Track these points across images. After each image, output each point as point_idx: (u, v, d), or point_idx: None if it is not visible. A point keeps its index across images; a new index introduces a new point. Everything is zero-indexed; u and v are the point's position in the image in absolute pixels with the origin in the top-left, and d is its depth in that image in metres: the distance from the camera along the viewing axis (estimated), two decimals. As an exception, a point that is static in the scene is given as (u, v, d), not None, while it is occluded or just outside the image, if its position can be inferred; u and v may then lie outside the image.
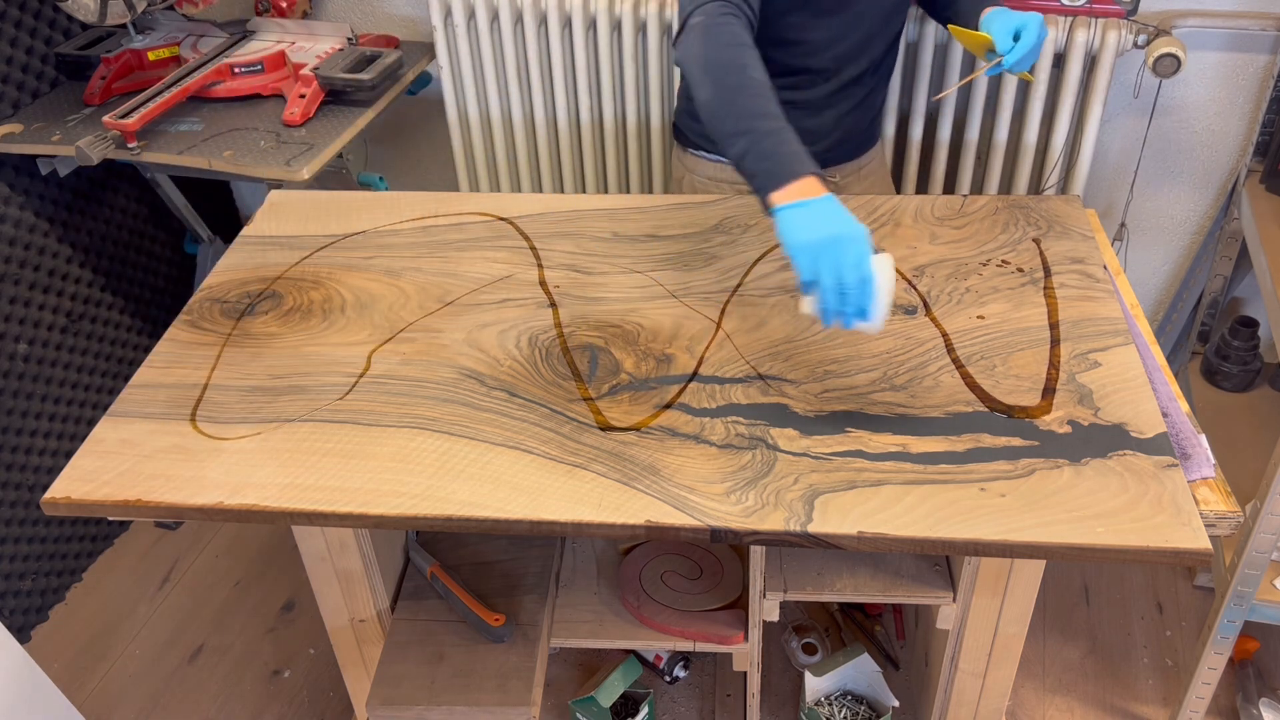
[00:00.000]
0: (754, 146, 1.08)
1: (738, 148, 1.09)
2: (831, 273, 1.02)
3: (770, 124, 1.08)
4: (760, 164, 1.08)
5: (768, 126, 1.08)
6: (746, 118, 1.09)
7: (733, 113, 1.10)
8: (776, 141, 1.08)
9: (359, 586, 1.42)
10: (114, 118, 1.70)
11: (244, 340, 1.32)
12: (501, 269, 1.41)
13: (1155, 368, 1.20)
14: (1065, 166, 1.89)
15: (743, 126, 1.08)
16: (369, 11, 2.12)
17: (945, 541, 1.00)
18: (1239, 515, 1.05)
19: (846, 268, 1.01)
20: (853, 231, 1.02)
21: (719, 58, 1.12)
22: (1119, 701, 1.80)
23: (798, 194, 1.05)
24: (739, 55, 1.12)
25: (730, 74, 1.11)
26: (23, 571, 2.00)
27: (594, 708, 1.64)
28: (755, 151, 1.08)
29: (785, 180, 1.06)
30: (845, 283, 1.02)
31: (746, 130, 1.08)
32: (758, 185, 1.08)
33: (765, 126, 1.08)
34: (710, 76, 1.12)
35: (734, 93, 1.10)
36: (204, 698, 1.90)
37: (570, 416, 1.16)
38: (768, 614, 1.39)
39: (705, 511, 1.04)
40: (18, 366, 1.95)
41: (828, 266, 1.02)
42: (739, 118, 1.09)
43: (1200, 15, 1.74)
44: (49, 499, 1.11)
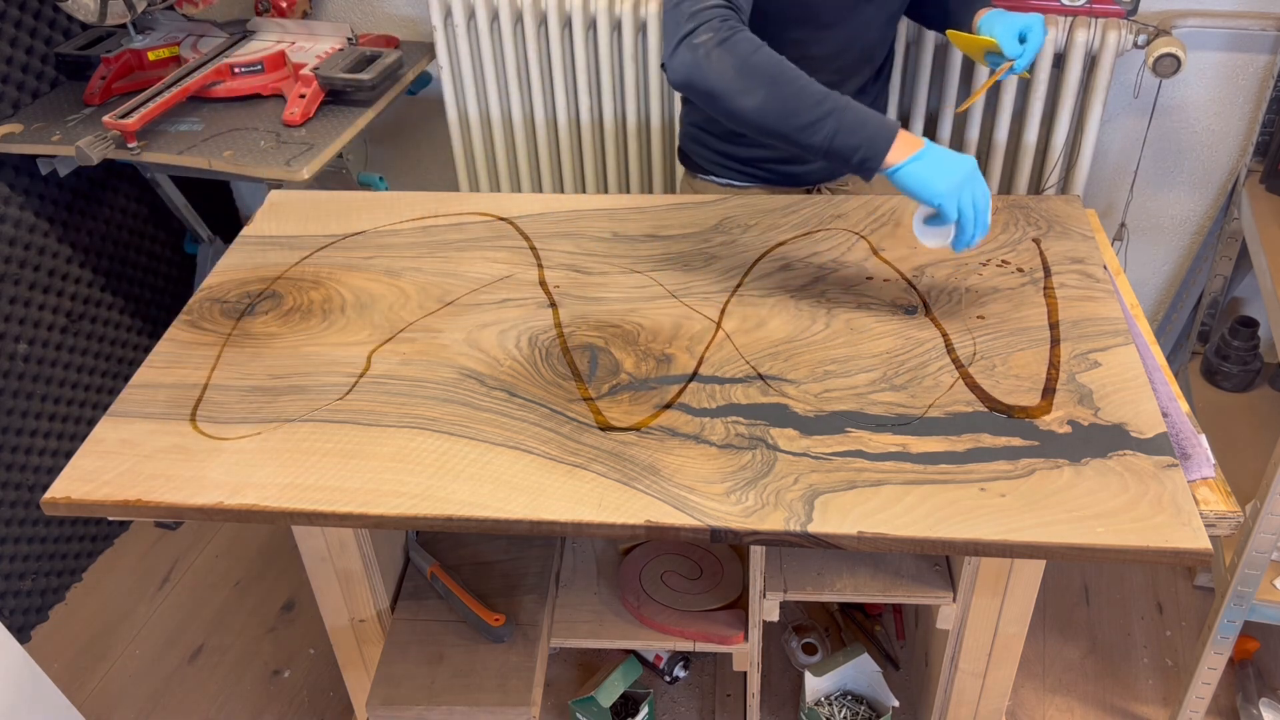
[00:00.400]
0: (841, 124, 1.11)
1: (823, 132, 1.11)
2: (971, 203, 1.12)
3: (840, 100, 1.12)
4: (855, 136, 1.11)
5: (841, 102, 1.11)
6: (818, 104, 1.11)
7: (801, 104, 1.11)
8: (857, 111, 1.11)
9: (359, 586, 1.42)
10: (114, 118, 1.70)
11: (244, 340, 1.32)
12: (501, 269, 1.41)
13: (1155, 368, 1.20)
14: (1065, 166, 1.89)
15: (820, 111, 1.11)
16: (369, 11, 2.12)
17: (945, 541, 1.00)
18: (1239, 515, 1.05)
19: (981, 195, 1.13)
20: (972, 163, 1.13)
21: (754, 62, 1.12)
22: (1119, 701, 1.80)
23: (908, 149, 1.11)
24: (771, 55, 1.13)
25: (777, 72, 1.12)
26: (23, 571, 2.00)
27: (594, 708, 1.64)
28: (845, 128, 1.11)
29: (891, 141, 1.11)
30: (980, 209, 1.13)
31: (825, 113, 1.11)
32: (861, 157, 1.11)
33: (839, 103, 1.11)
34: (755, 82, 1.12)
35: (791, 86, 1.12)
36: (204, 698, 1.90)
37: (570, 416, 1.16)
38: (768, 614, 1.39)
39: (705, 511, 1.04)
40: (18, 366, 1.95)
41: (969, 199, 1.12)
42: (812, 106, 1.11)
43: (1200, 15, 1.74)
44: (49, 499, 1.11)
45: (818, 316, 1.29)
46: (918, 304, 1.30)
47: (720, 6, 1.15)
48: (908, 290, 1.33)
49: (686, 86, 1.16)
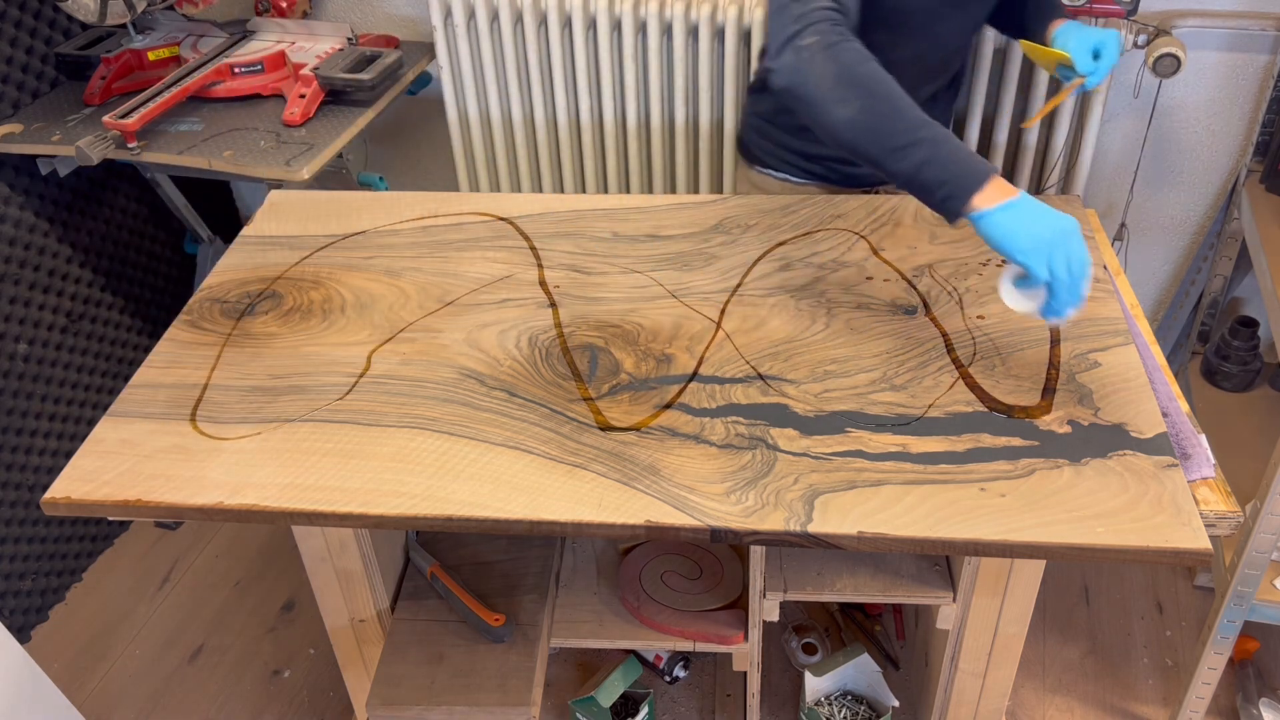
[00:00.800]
0: (934, 155, 1.04)
1: (912, 160, 1.05)
2: (1065, 266, 1.02)
3: (938, 131, 1.05)
4: (945, 171, 1.04)
5: (939, 134, 1.05)
6: (913, 129, 1.05)
7: (896, 126, 1.05)
8: (954, 147, 1.05)
9: (359, 586, 1.42)
10: (114, 118, 1.70)
11: (244, 340, 1.32)
12: (501, 269, 1.41)
13: (1155, 368, 1.20)
14: (1065, 166, 1.89)
15: (913, 137, 1.05)
16: (369, 11, 2.12)
17: (945, 541, 1.00)
18: (1239, 515, 1.05)
19: (1077, 260, 1.02)
20: (1073, 224, 1.02)
21: (857, 74, 1.07)
22: (1119, 701, 1.80)
23: (999, 195, 1.03)
24: (876, 70, 1.08)
25: (877, 88, 1.07)
26: (23, 571, 2.00)
27: (594, 708, 1.64)
28: (937, 160, 1.04)
29: (981, 183, 1.03)
30: (1076, 275, 1.02)
31: (918, 140, 1.05)
32: (947, 193, 1.04)
33: (937, 134, 1.05)
34: (853, 94, 1.07)
35: (889, 105, 1.06)
36: (204, 698, 1.90)
37: (570, 416, 1.16)
38: (768, 614, 1.39)
39: (705, 511, 1.04)
40: (18, 366, 1.95)
41: (1061, 261, 1.02)
42: (906, 131, 1.05)
43: (1200, 15, 1.74)
44: (49, 499, 1.11)
45: (818, 316, 1.29)
46: (918, 304, 1.30)
47: (829, 9, 1.10)
48: (908, 290, 1.33)
49: (788, 91, 1.11)
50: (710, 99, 1.94)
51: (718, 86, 1.94)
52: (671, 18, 1.86)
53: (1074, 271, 1.03)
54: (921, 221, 1.45)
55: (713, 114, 1.96)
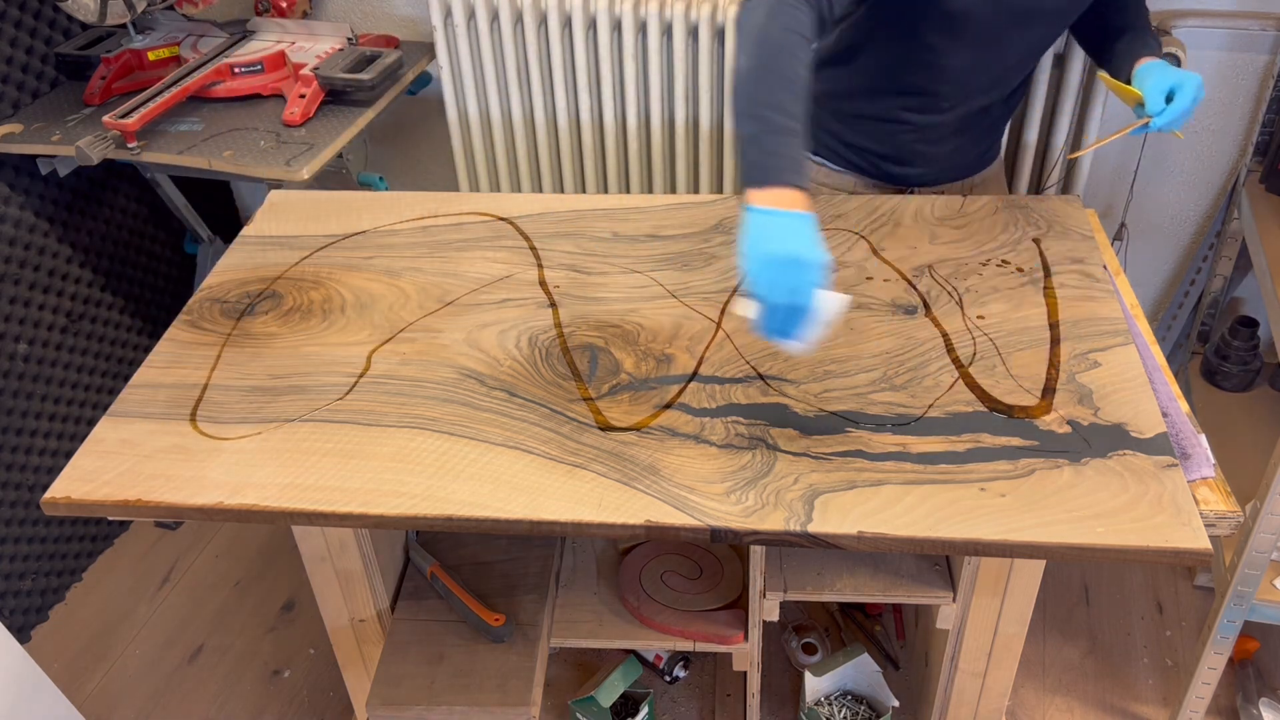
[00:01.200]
0: (761, 136, 1.04)
1: (748, 128, 1.06)
2: (775, 291, 0.99)
3: (787, 121, 1.05)
4: (760, 156, 1.04)
5: (783, 122, 1.05)
6: (769, 105, 1.05)
7: (759, 93, 1.06)
8: (782, 141, 1.04)
9: (359, 586, 1.42)
10: (114, 118, 1.70)
11: (244, 340, 1.32)
12: (501, 269, 1.41)
13: (1155, 368, 1.20)
14: (1065, 166, 1.89)
15: (762, 112, 1.05)
16: (369, 11, 2.12)
17: (945, 541, 1.00)
18: (1239, 515, 1.05)
19: (790, 291, 0.98)
20: (814, 258, 0.99)
21: (774, 37, 1.08)
22: (1119, 701, 1.80)
23: (775, 200, 1.01)
24: (792, 43, 1.08)
25: (777, 56, 1.07)
26: (23, 571, 2.00)
27: (594, 708, 1.64)
28: (760, 143, 1.04)
29: (771, 181, 1.02)
30: (786, 305, 0.99)
31: (762, 116, 1.05)
32: (746, 175, 1.05)
33: (781, 122, 1.05)
34: (758, 49, 1.08)
35: (771, 75, 1.07)
36: (204, 698, 1.90)
37: (570, 416, 1.16)
38: (768, 614, 1.39)
39: (705, 511, 1.04)
40: (18, 366, 1.95)
41: (772, 285, 0.99)
42: (763, 103, 1.06)
43: (1200, 15, 1.74)
44: (49, 499, 1.11)
45: (818, 316, 1.29)
46: (918, 304, 1.30)
47: None
48: (908, 290, 1.33)
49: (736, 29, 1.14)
50: (710, 99, 1.94)
51: (718, 86, 1.94)
52: (671, 18, 1.86)
53: (790, 302, 0.98)
54: (921, 221, 1.45)
55: (713, 114, 1.96)
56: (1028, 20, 1.32)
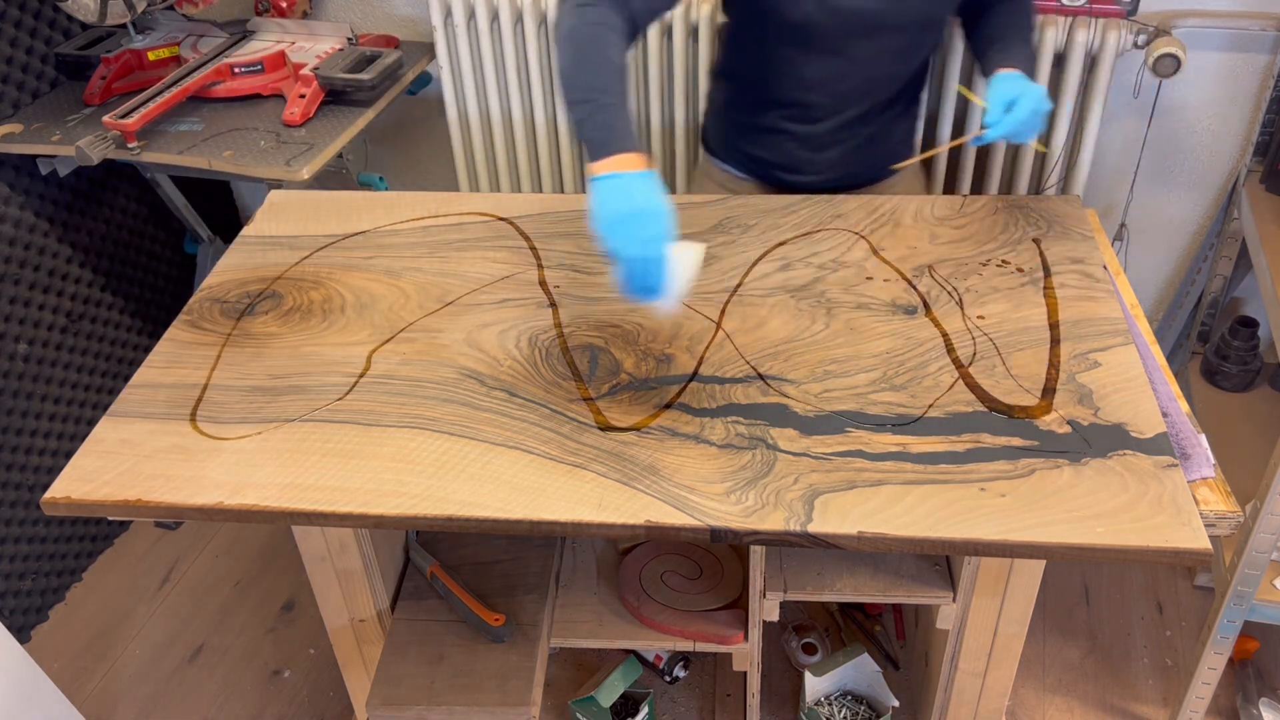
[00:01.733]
0: (591, 116, 1.13)
1: (578, 114, 1.15)
2: (628, 246, 1.07)
3: (611, 99, 1.14)
4: (594, 133, 1.12)
5: (608, 100, 1.14)
6: (593, 90, 1.14)
7: (581, 82, 1.15)
8: (611, 115, 1.13)
9: (359, 586, 1.42)
10: (114, 118, 1.70)
11: (244, 340, 1.32)
12: (501, 269, 1.41)
13: (1155, 368, 1.20)
14: (1065, 166, 1.89)
15: (588, 96, 1.14)
16: (369, 11, 2.12)
17: (945, 541, 1.00)
18: (1239, 515, 1.05)
19: (642, 243, 1.06)
20: (654, 208, 1.07)
21: (583, 32, 1.17)
22: (1119, 701, 1.80)
23: (613, 165, 1.10)
24: (601, 34, 1.17)
25: (589, 48, 1.17)
26: (23, 571, 2.00)
27: (594, 708, 1.64)
28: (591, 121, 1.13)
29: (609, 151, 1.10)
30: (640, 257, 1.06)
31: (589, 100, 1.14)
32: (589, 153, 1.13)
33: (605, 100, 1.13)
34: (572, 46, 1.17)
35: (588, 64, 1.16)
36: (204, 698, 1.90)
37: (570, 416, 1.16)
38: (768, 614, 1.39)
39: (705, 511, 1.04)
40: (18, 366, 1.95)
41: (624, 240, 1.07)
42: (586, 88, 1.14)
43: (1200, 15, 1.74)
44: (49, 499, 1.11)
45: (818, 316, 1.29)
46: (918, 304, 1.30)
47: None
48: (908, 290, 1.33)
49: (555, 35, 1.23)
50: (710, 99, 1.94)
51: (718, 86, 1.94)
52: (671, 18, 1.86)
53: (639, 253, 1.06)
54: (921, 221, 1.45)
55: (713, 114, 1.96)
56: (874, 31, 1.34)
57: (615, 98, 1.14)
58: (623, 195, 1.08)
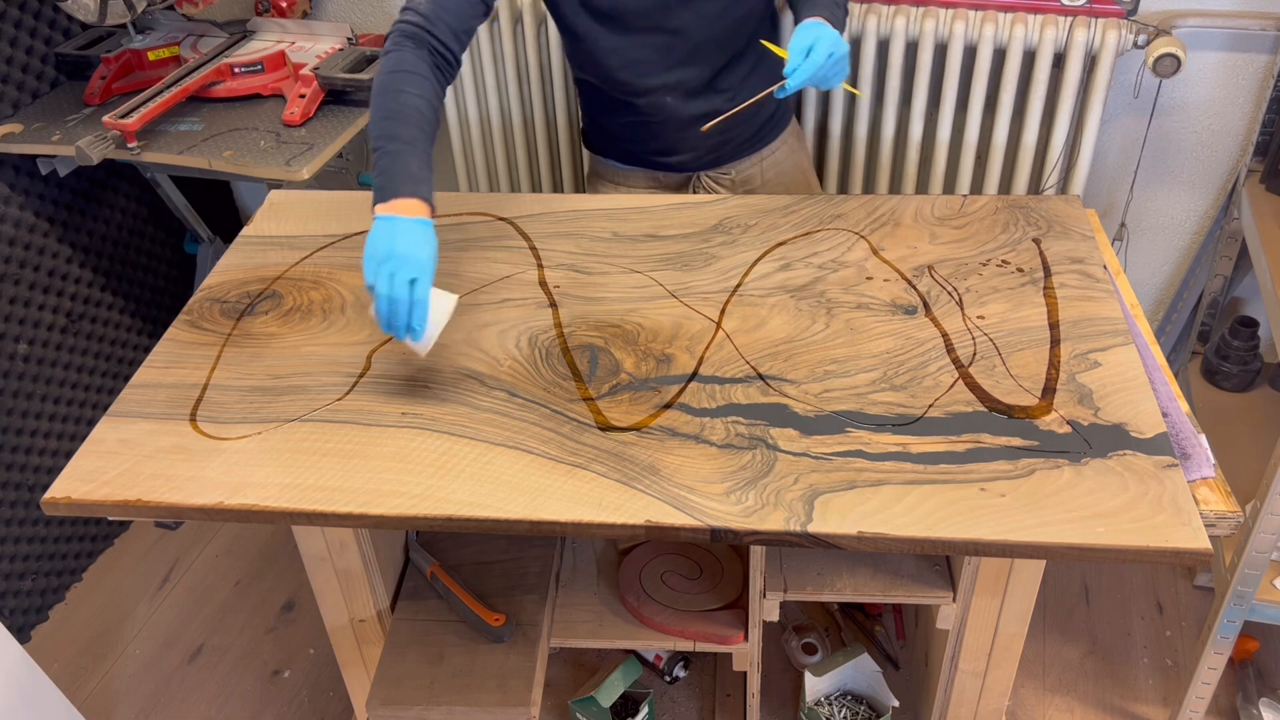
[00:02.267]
0: (380, 162, 1.20)
1: (376, 162, 1.21)
2: (382, 283, 1.11)
3: (399, 146, 1.20)
4: (379, 177, 1.19)
5: (396, 147, 1.20)
6: (383, 137, 1.21)
7: (376, 131, 1.22)
8: (395, 161, 1.19)
9: (359, 586, 1.42)
10: (114, 118, 1.70)
11: (244, 340, 1.32)
12: (501, 269, 1.41)
13: (1155, 368, 1.20)
14: (1065, 166, 1.89)
15: (379, 144, 1.21)
16: (369, 11, 2.12)
17: (945, 541, 1.00)
18: (1239, 515, 1.05)
19: (395, 284, 1.11)
20: (412, 254, 1.13)
21: (382, 82, 1.25)
22: (1119, 701, 1.80)
23: (393, 210, 1.16)
24: (397, 81, 1.24)
25: (383, 96, 1.24)
26: (23, 571, 2.00)
27: (594, 708, 1.64)
28: (380, 167, 1.20)
29: (386, 196, 1.17)
30: (389, 296, 1.11)
31: (380, 148, 1.21)
32: (375, 198, 1.18)
33: (394, 147, 1.20)
34: (374, 98, 1.25)
35: (381, 113, 1.23)
36: (204, 698, 1.90)
37: (570, 416, 1.16)
38: (768, 614, 1.39)
39: (705, 511, 1.04)
40: (18, 366, 1.95)
41: (382, 277, 1.11)
42: (380, 137, 1.21)
43: (1200, 15, 1.74)
44: (49, 499, 1.11)
45: (818, 316, 1.29)
46: (918, 304, 1.30)
47: (408, 24, 1.28)
48: (908, 290, 1.33)
49: None
50: (710, 99, 1.94)
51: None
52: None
53: (391, 294, 1.11)
54: (921, 221, 1.45)
55: (713, 114, 1.96)
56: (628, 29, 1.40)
57: (403, 144, 1.20)
58: (388, 236, 1.14)
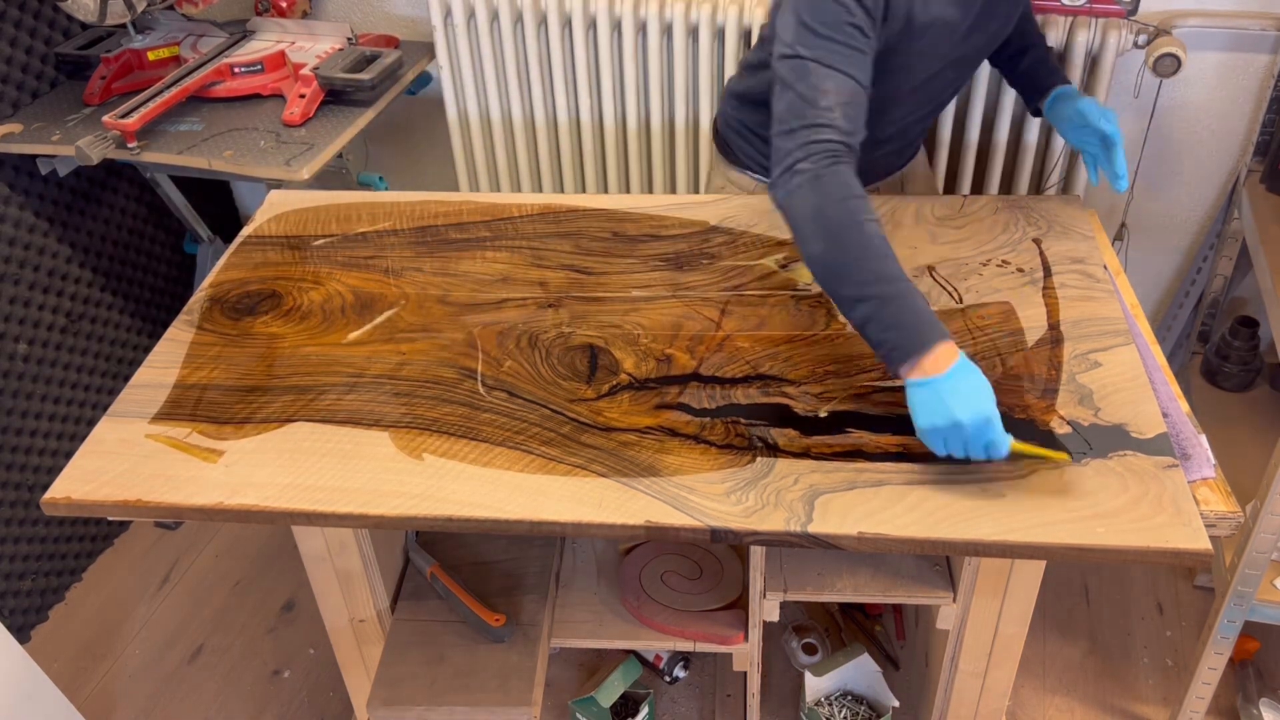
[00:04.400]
0: (877, 314, 1.04)
1: (859, 313, 1.05)
2: (961, 449, 1.04)
3: (892, 288, 1.04)
4: (886, 334, 1.04)
5: (890, 291, 1.04)
6: (868, 283, 1.04)
7: (853, 277, 1.05)
8: (899, 309, 1.03)
9: (359, 586, 1.42)
10: (114, 118, 1.70)
11: (244, 340, 1.32)
12: (502, 269, 1.41)
13: (1155, 368, 1.20)
14: (1065, 166, 1.89)
15: (865, 292, 1.04)
16: (369, 11, 2.12)
17: (945, 542, 1.00)
18: (1239, 515, 1.05)
19: (971, 447, 1.03)
20: (975, 416, 1.01)
21: (833, 214, 1.06)
22: (1119, 701, 1.80)
23: (924, 370, 1.02)
24: (854, 210, 1.06)
25: (846, 232, 1.05)
26: (23, 571, 2.00)
27: (594, 708, 1.64)
28: (878, 320, 1.04)
29: (912, 353, 1.02)
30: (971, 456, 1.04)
31: (869, 296, 1.04)
32: (885, 355, 1.05)
33: (887, 291, 1.04)
34: (824, 233, 1.06)
35: (852, 253, 1.05)
36: (204, 698, 1.90)
37: (570, 416, 1.16)
38: (768, 614, 1.39)
39: (705, 511, 1.04)
40: (18, 366, 1.95)
41: (957, 445, 1.03)
42: (860, 283, 1.04)
43: (1200, 15, 1.74)
44: (49, 499, 1.11)
45: (818, 317, 1.29)
46: (918, 304, 1.30)
47: (832, 141, 1.09)
48: (908, 290, 1.32)
49: (781, 212, 1.12)
50: (710, 99, 1.94)
51: (718, 86, 1.94)
52: (671, 18, 1.86)
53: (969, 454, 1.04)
54: (922, 221, 1.45)
55: (713, 114, 1.96)
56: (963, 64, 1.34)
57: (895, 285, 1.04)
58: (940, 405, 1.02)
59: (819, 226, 1.06)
